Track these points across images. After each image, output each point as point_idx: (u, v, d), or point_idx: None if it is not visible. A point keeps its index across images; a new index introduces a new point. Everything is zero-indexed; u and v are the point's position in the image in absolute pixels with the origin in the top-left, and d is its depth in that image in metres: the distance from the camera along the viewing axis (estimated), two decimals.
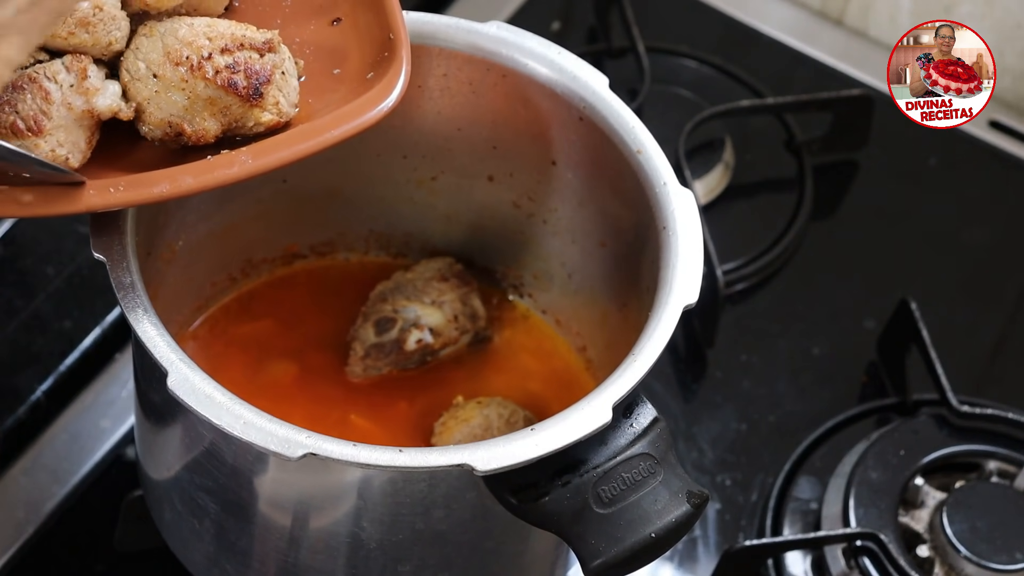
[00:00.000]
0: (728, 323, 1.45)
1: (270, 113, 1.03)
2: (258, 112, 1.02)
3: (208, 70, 1.01)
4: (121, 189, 0.98)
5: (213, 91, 1.01)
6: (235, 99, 1.02)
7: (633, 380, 1.01)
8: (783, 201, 1.54)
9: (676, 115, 1.53)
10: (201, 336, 1.24)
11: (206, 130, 1.02)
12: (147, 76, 1.01)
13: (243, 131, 1.03)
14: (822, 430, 1.39)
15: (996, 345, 1.48)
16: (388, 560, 1.08)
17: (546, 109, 1.17)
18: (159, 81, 1.01)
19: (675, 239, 1.08)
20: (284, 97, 1.04)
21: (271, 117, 1.03)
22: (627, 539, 0.98)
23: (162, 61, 1.01)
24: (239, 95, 1.01)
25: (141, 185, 0.99)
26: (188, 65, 1.01)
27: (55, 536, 1.28)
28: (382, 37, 1.07)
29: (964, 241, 1.55)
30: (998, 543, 1.27)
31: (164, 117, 1.01)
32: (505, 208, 1.26)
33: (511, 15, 1.64)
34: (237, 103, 1.02)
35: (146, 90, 1.01)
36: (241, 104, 1.02)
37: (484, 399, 1.22)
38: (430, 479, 1.02)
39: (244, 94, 1.01)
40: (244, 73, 1.01)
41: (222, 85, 1.01)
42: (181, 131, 1.02)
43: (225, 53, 1.02)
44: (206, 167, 1.00)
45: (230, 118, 1.02)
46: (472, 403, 1.21)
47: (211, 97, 1.01)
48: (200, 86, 1.01)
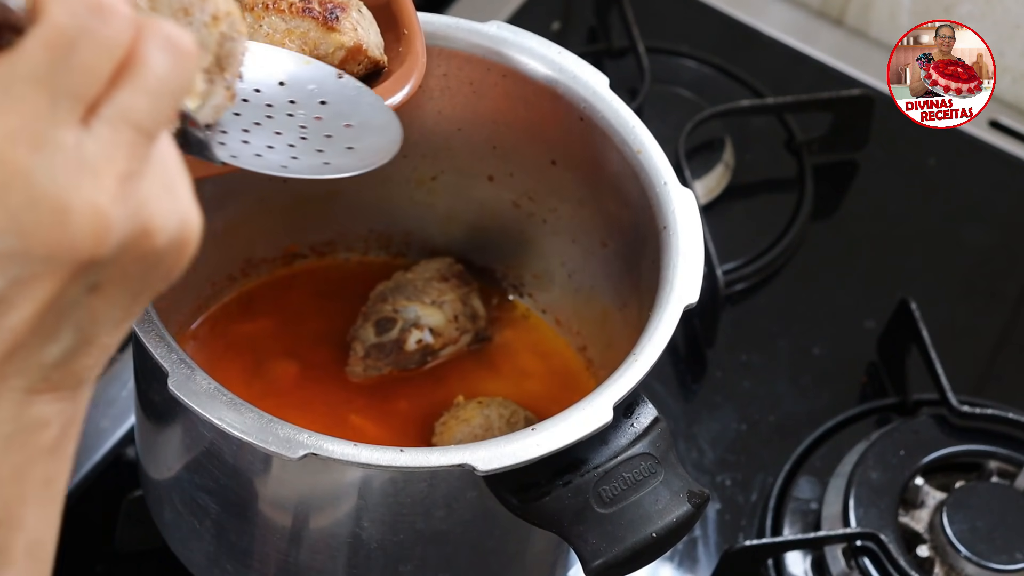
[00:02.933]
0: (728, 323, 1.45)
1: (348, 36, 1.04)
2: (336, 36, 1.04)
3: (283, 4, 1.03)
4: None
5: (290, 21, 1.03)
6: (312, 23, 1.04)
7: (634, 380, 1.01)
8: (783, 201, 1.54)
9: (676, 115, 1.53)
10: (201, 336, 1.24)
11: None
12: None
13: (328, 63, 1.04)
14: (822, 430, 1.39)
15: (996, 345, 1.48)
16: (389, 560, 1.08)
17: (546, 109, 1.17)
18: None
19: (675, 239, 1.08)
20: (364, 31, 1.05)
21: (350, 39, 1.04)
22: (628, 539, 0.98)
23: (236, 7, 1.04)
24: (315, 19, 1.03)
25: None
26: (264, 6, 1.03)
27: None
28: (396, 34, 1.08)
29: (964, 241, 1.55)
30: (998, 543, 1.27)
31: None
32: (505, 208, 1.26)
33: (511, 15, 1.64)
34: (315, 28, 1.04)
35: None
36: (318, 28, 1.04)
37: (485, 399, 1.21)
38: (431, 479, 1.02)
39: (320, 18, 1.03)
40: (319, 2, 1.04)
41: (297, 13, 1.03)
42: None
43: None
44: None
45: (311, 45, 1.03)
46: (473, 403, 1.21)
47: (288, 29, 1.03)
48: (278, 21, 1.03)
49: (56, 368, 0.70)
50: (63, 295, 0.67)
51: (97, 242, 0.66)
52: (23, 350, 0.68)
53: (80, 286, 0.68)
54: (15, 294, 0.66)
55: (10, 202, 0.64)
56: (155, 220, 0.68)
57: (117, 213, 0.66)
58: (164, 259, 0.70)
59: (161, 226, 0.68)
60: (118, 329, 0.71)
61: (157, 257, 0.69)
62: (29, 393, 0.70)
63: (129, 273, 0.69)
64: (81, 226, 0.65)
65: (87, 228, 0.65)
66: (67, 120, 0.65)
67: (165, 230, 0.68)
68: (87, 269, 0.67)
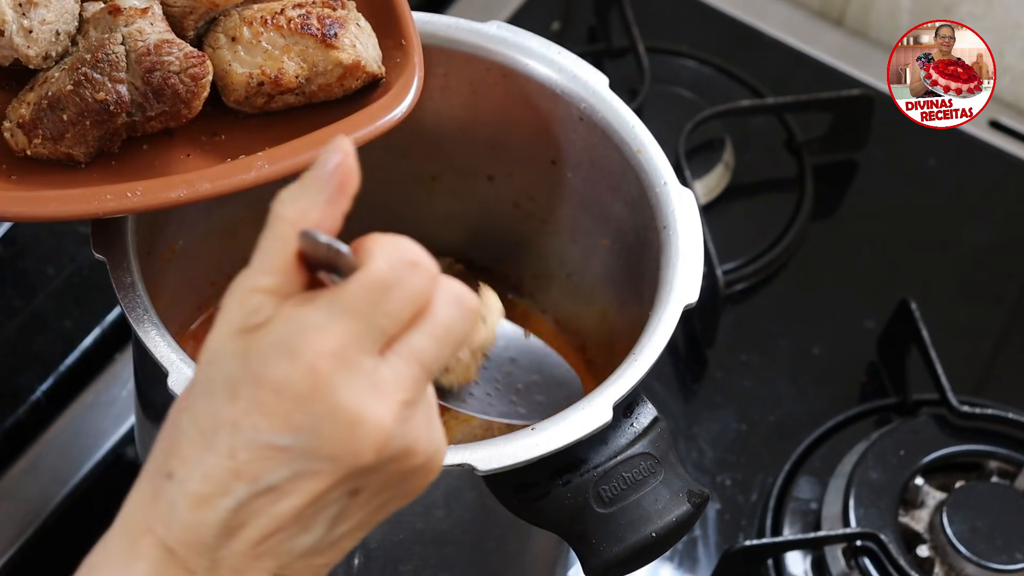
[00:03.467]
0: (728, 323, 1.45)
1: (347, 53, 1.04)
2: (335, 53, 1.04)
3: (282, 21, 1.04)
4: (139, 194, 0.99)
5: (289, 38, 1.04)
6: (311, 41, 1.04)
7: (633, 380, 1.01)
8: (783, 201, 1.54)
9: (676, 115, 1.53)
10: (201, 336, 1.24)
11: (283, 71, 1.04)
12: (226, 42, 1.04)
13: (326, 80, 1.05)
14: (822, 430, 1.39)
15: (996, 345, 1.48)
16: (388, 560, 1.08)
17: (546, 109, 1.17)
18: (237, 43, 1.04)
19: (675, 239, 1.08)
20: (363, 46, 1.05)
21: (349, 56, 1.04)
22: (628, 538, 0.98)
23: (238, 25, 1.04)
24: (313, 36, 1.04)
25: (159, 190, 0.99)
26: (263, 22, 1.04)
27: (55, 536, 1.28)
28: (394, 43, 1.08)
29: (964, 241, 1.55)
30: (998, 543, 1.27)
31: (245, 71, 1.04)
32: (505, 208, 1.26)
33: (511, 15, 1.64)
34: (313, 45, 1.04)
35: (228, 54, 1.04)
36: (317, 45, 1.04)
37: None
38: None
39: (318, 35, 1.04)
40: (317, 19, 1.05)
41: (295, 30, 1.04)
42: (262, 78, 1.04)
43: (296, 7, 1.05)
44: (223, 172, 1.01)
45: (310, 62, 1.04)
46: None
47: (287, 45, 1.04)
48: (276, 37, 1.04)
49: (300, 558, 0.80)
50: (329, 494, 0.78)
51: (377, 454, 0.77)
52: (281, 535, 0.79)
53: (345, 489, 0.78)
54: (292, 486, 0.77)
55: (315, 408, 0.76)
56: (419, 444, 0.79)
57: (396, 432, 0.77)
58: (413, 477, 0.81)
59: (422, 450, 0.79)
60: (359, 532, 0.81)
61: (411, 474, 0.80)
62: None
63: (386, 485, 0.80)
64: (367, 437, 0.76)
65: (371, 440, 0.77)
66: (371, 349, 0.77)
67: (424, 453, 0.80)
68: (358, 475, 0.78)
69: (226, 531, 0.78)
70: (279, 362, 0.76)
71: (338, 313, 0.77)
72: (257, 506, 0.78)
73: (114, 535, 0.81)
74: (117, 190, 0.99)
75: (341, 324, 0.76)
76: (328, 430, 0.76)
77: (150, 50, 1.00)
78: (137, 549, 0.79)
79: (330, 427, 0.76)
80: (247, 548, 0.78)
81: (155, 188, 0.99)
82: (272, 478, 0.77)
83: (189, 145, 1.04)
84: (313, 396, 0.76)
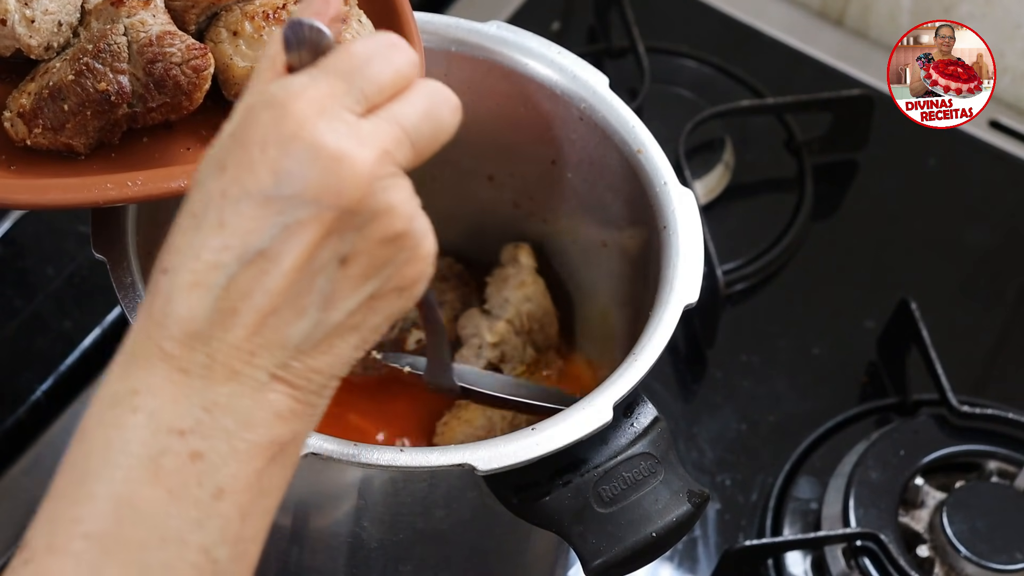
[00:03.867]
0: (728, 323, 1.45)
1: None
2: None
3: (284, 16, 1.04)
4: (139, 183, 0.99)
5: None
6: None
7: (634, 380, 1.01)
8: (783, 201, 1.54)
9: (676, 115, 1.53)
10: None
11: None
12: (228, 37, 1.04)
13: None
14: (822, 430, 1.39)
15: (996, 345, 1.48)
16: (389, 560, 1.08)
17: (546, 109, 1.17)
18: (239, 37, 1.04)
19: (675, 238, 1.08)
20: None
21: None
22: (628, 538, 0.98)
23: (240, 20, 1.04)
24: None
25: (160, 180, 0.99)
26: (265, 17, 1.04)
27: None
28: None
29: (964, 241, 1.55)
30: (998, 543, 1.27)
31: (247, 65, 1.04)
32: (505, 208, 1.26)
33: (511, 15, 1.64)
34: None
35: (229, 49, 1.04)
36: None
37: None
38: (431, 479, 1.02)
39: None
40: None
41: None
42: None
43: (298, 3, 1.04)
44: None
45: None
46: (475, 404, 1.21)
47: None
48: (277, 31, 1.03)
49: (298, 353, 0.78)
50: (319, 251, 0.77)
51: (359, 192, 0.77)
52: (274, 319, 0.77)
53: (334, 248, 0.77)
54: (280, 246, 0.76)
55: (297, 150, 0.76)
56: (401, 207, 0.78)
57: (378, 175, 0.77)
58: (401, 255, 0.79)
59: (401, 211, 0.79)
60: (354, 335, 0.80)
61: (396, 247, 0.79)
62: (271, 378, 0.78)
63: (373, 256, 0.78)
64: (349, 175, 0.76)
65: (353, 178, 0.76)
66: (353, 107, 0.78)
67: (403, 216, 0.79)
68: (344, 224, 0.77)
69: (220, 316, 0.77)
70: (263, 115, 0.77)
71: (321, 74, 0.78)
72: (248, 280, 0.77)
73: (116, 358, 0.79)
74: (118, 179, 0.99)
75: (325, 81, 0.78)
76: (310, 171, 0.76)
77: (152, 41, 1.00)
78: (134, 361, 0.77)
79: (312, 167, 0.76)
80: (242, 339, 0.77)
81: (156, 178, 0.99)
82: (260, 240, 0.76)
83: (190, 138, 1.04)
84: (295, 139, 0.76)
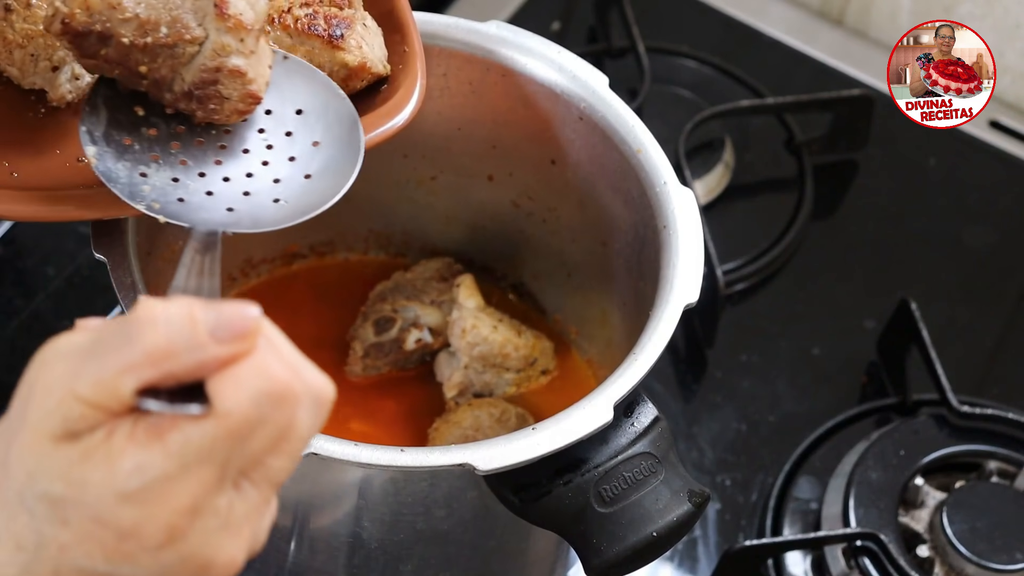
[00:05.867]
0: (728, 323, 1.45)
1: (353, 55, 1.04)
2: (341, 55, 1.04)
3: (288, 20, 1.04)
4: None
5: (296, 38, 1.04)
6: (317, 42, 1.04)
7: (634, 379, 1.01)
8: (783, 201, 1.54)
9: (676, 115, 1.53)
10: None
11: None
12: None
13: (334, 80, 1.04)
14: (822, 430, 1.39)
15: (996, 345, 1.48)
16: (389, 560, 1.08)
17: (546, 109, 1.17)
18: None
19: (675, 238, 1.08)
20: (369, 47, 1.05)
21: (355, 58, 1.04)
22: (628, 538, 0.98)
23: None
24: (320, 37, 1.04)
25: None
26: (270, 21, 1.03)
27: None
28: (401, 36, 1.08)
29: (964, 241, 1.55)
30: (998, 543, 1.27)
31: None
32: (505, 208, 1.26)
33: (511, 15, 1.64)
34: (320, 46, 1.04)
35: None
36: (324, 46, 1.04)
37: (474, 400, 1.22)
38: (431, 479, 1.02)
39: (325, 35, 1.04)
40: (324, 19, 1.04)
41: (302, 31, 1.04)
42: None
43: (304, 7, 1.05)
44: None
45: (316, 63, 1.04)
46: (463, 406, 1.21)
47: (293, 45, 1.04)
48: (283, 37, 1.04)
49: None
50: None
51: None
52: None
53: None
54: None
55: (163, 558, 0.72)
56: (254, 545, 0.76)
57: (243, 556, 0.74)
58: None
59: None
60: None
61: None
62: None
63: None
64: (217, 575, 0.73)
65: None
66: (226, 490, 0.72)
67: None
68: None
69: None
70: (125, 509, 0.71)
71: (193, 462, 0.71)
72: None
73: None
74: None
75: (197, 475, 0.71)
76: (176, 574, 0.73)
77: (220, 69, 0.94)
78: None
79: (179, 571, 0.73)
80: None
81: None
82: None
83: None
84: (164, 547, 0.72)
